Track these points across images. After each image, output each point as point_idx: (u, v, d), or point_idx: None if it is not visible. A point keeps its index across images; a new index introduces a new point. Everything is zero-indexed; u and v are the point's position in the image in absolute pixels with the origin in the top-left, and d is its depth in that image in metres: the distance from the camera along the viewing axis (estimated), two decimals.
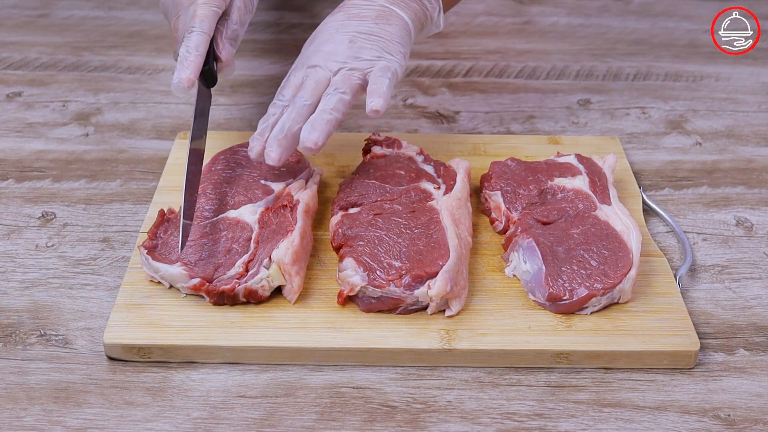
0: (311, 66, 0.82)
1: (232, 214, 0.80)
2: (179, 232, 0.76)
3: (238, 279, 0.74)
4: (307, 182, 0.85)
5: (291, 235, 0.76)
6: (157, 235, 0.78)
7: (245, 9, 0.89)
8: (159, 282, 0.77)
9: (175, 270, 0.75)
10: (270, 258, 0.75)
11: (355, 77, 0.80)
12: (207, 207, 0.82)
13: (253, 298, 0.75)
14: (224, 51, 0.86)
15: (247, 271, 0.75)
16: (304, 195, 0.82)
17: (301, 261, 0.77)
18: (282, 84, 0.83)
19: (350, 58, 0.81)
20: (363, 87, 0.81)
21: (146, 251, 0.76)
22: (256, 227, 0.79)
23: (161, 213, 0.80)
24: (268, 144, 0.79)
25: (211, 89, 0.86)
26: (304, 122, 0.79)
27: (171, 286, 0.76)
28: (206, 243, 0.77)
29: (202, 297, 0.75)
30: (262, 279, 0.74)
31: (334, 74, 0.81)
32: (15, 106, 1.10)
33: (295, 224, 0.78)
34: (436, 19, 0.88)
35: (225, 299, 0.74)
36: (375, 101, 0.77)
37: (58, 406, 0.68)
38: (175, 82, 0.81)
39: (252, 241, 0.77)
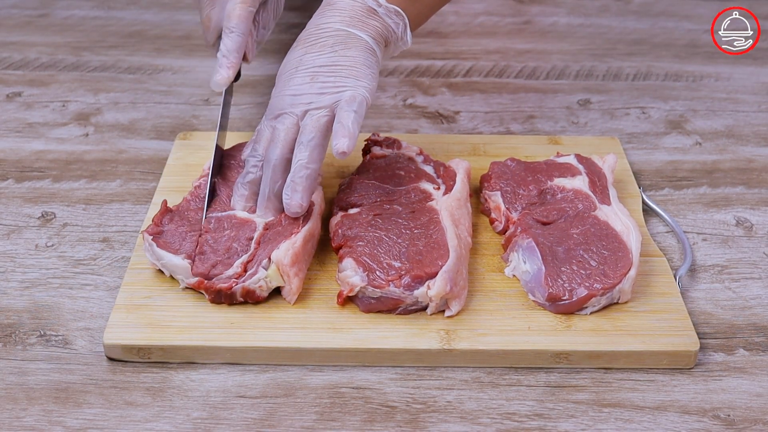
0: (278, 115, 0.80)
1: (240, 214, 0.80)
2: (187, 221, 0.79)
3: (236, 279, 0.74)
4: None
5: (293, 237, 0.76)
6: (162, 223, 0.78)
7: (273, 14, 0.94)
8: (160, 275, 0.77)
9: (179, 261, 0.75)
10: (269, 258, 0.74)
11: (323, 116, 0.78)
12: (219, 201, 0.82)
13: (251, 298, 0.75)
14: (251, 53, 0.91)
15: (245, 271, 0.75)
16: (316, 197, 0.82)
17: (301, 263, 0.76)
18: (254, 136, 0.82)
19: (314, 97, 0.78)
20: (333, 122, 0.78)
21: (151, 238, 0.76)
22: (260, 228, 0.79)
23: (164, 203, 0.80)
24: (257, 212, 0.80)
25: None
26: (282, 179, 0.79)
27: (171, 276, 0.77)
28: (209, 239, 0.77)
29: (201, 293, 0.75)
30: (260, 279, 0.74)
31: (302, 118, 0.79)
32: (15, 106, 1.10)
33: (302, 226, 0.78)
34: (402, 35, 0.84)
35: (222, 298, 0.74)
36: (340, 142, 0.74)
37: (57, 407, 0.68)
38: (216, 79, 0.87)
39: (253, 241, 0.77)
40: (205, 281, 0.74)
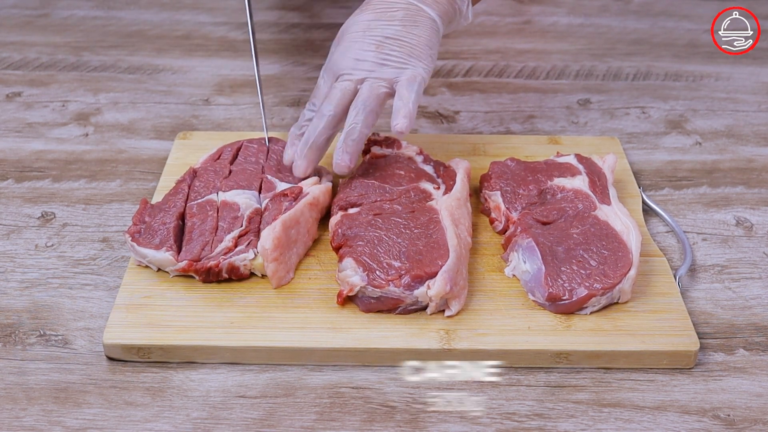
0: (338, 74, 0.83)
1: (220, 196, 0.82)
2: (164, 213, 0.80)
3: (224, 255, 0.76)
4: (321, 180, 0.86)
5: (274, 222, 0.77)
6: (142, 221, 0.79)
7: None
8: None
9: (162, 255, 0.76)
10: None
11: (382, 87, 0.81)
12: (197, 190, 0.83)
13: (235, 275, 0.76)
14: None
15: (235, 246, 0.76)
16: (315, 189, 0.83)
17: (283, 248, 0.77)
18: (313, 92, 0.85)
19: (377, 66, 0.82)
20: (390, 95, 0.82)
21: (131, 238, 0.78)
22: (243, 209, 0.80)
23: (143, 201, 0.82)
24: (295, 157, 0.84)
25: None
26: (328, 133, 0.82)
27: (159, 270, 0.78)
28: (196, 222, 0.79)
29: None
30: (246, 258, 0.76)
31: (361, 83, 0.82)
32: (15, 106, 1.10)
33: (284, 212, 0.79)
34: (465, 12, 0.87)
35: (211, 276, 0.76)
36: (401, 122, 0.79)
37: (57, 407, 0.68)
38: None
39: (245, 219, 0.79)
40: (195, 263, 0.75)
